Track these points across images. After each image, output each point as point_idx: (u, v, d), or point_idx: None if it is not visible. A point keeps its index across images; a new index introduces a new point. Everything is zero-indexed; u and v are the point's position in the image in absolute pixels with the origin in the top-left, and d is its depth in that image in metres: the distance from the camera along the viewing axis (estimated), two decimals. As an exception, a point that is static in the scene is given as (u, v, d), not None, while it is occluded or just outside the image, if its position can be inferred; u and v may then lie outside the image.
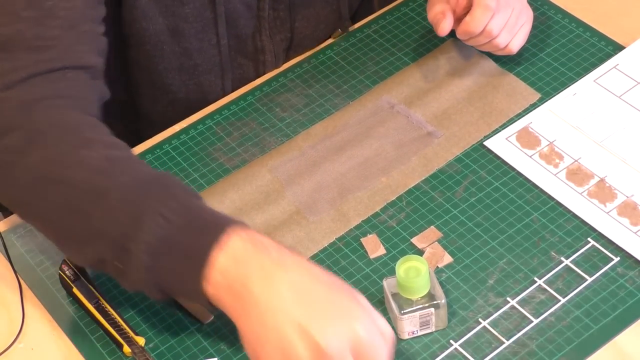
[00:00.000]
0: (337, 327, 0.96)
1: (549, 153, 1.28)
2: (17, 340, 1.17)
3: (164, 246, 1.00)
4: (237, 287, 0.98)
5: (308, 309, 0.96)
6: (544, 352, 1.10)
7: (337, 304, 0.98)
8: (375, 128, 1.34)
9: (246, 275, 0.97)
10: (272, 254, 0.99)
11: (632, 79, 1.35)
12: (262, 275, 0.97)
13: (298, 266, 0.99)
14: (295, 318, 0.95)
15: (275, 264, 0.98)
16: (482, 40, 1.32)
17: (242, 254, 0.98)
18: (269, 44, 1.42)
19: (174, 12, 1.33)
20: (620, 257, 1.17)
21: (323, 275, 1.00)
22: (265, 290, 0.97)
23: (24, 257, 1.24)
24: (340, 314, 0.97)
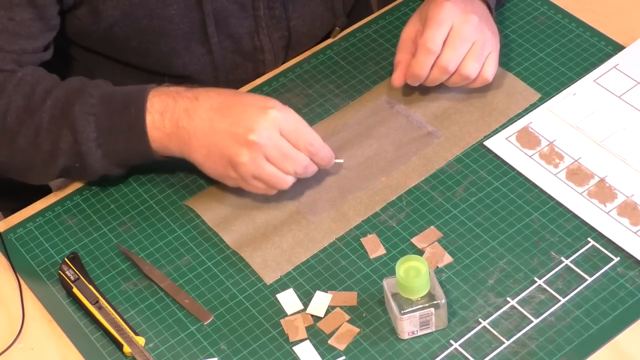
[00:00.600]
0: (257, 120, 1.18)
1: (549, 153, 1.28)
2: (17, 340, 1.17)
3: (105, 135, 1.22)
4: (173, 131, 1.21)
5: (230, 118, 1.19)
6: (544, 352, 1.10)
7: (250, 105, 1.20)
8: (376, 128, 1.34)
9: (174, 119, 1.21)
10: (187, 95, 1.22)
11: (632, 78, 1.35)
12: (186, 113, 1.21)
13: (209, 94, 1.22)
14: (224, 129, 1.19)
15: (191, 100, 1.22)
16: (443, 77, 1.30)
17: (164, 107, 1.22)
18: (267, 43, 1.42)
19: (159, 14, 1.33)
20: (620, 257, 1.17)
21: (233, 92, 1.25)
22: (192, 122, 1.20)
23: (24, 257, 1.25)
24: (255, 109, 1.19)
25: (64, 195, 1.32)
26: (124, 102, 1.22)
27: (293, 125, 1.20)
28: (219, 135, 1.19)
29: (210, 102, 1.21)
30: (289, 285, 1.19)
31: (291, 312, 1.16)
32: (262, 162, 1.19)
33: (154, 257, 1.23)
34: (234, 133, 1.18)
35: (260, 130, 1.18)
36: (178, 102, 1.22)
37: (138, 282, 1.21)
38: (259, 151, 1.18)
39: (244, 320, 1.16)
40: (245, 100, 1.22)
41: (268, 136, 1.18)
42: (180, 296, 1.19)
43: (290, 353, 1.13)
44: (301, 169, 1.21)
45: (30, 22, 1.27)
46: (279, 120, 1.19)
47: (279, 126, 1.19)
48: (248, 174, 1.19)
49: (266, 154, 1.18)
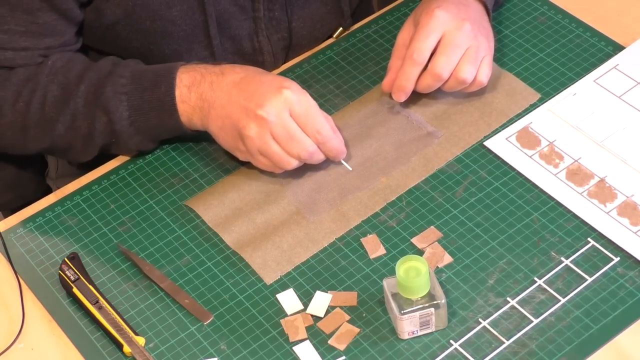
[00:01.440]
0: (269, 97, 1.21)
1: (549, 153, 1.28)
2: (17, 340, 1.17)
3: (137, 112, 1.27)
4: (197, 104, 1.26)
5: (245, 92, 1.23)
6: (544, 352, 1.10)
7: (267, 82, 1.23)
8: (376, 128, 1.34)
9: (199, 92, 1.26)
10: (214, 70, 1.27)
11: (632, 79, 1.35)
12: (210, 87, 1.25)
13: (235, 70, 1.26)
14: (238, 102, 1.22)
15: (217, 75, 1.26)
16: (437, 84, 1.30)
17: (192, 82, 1.26)
18: (266, 45, 1.42)
19: (162, 15, 1.33)
20: (620, 257, 1.17)
21: (256, 70, 1.27)
22: (214, 94, 1.25)
23: (24, 257, 1.25)
24: (270, 87, 1.22)
25: (64, 195, 1.32)
26: (154, 80, 1.27)
27: (304, 109, 1.22)
28: (233, 108, 1.22)
29: (233, 76, 1.25)
30: (289, 285, 1.19)
31: (291, 312, 1.16)
32: (268, 139, 1.21)
33: (154, 257, 1.23)
34: (245, 107, 1.21)
35: (269, 107, 1.20)
36: (205, 77, 1.26)
37: (138, 282, 1.21)
38: (265, 127, 1.20)
39: (244, 320, 1.16)
40: (264, 78, 1.24)
41: (276, 114, 1.20)
42: (180, 296, 1.19)
43: (290, 353, 1.13)
44: (306, 154, 1.22)
45: (55, 23, 1.30)
46: (290, 101, 1.21)
47: (290, 107, 1.21)
48: (254, 148, 1.22)
49: (272, 131, 1.20)
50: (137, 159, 1.34)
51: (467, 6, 1.32)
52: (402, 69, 1.30)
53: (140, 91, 1.27)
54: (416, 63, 1.29)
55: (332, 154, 1.25)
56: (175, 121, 1.27)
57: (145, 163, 1.34)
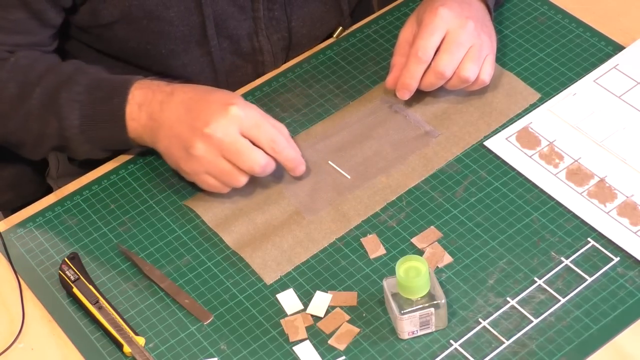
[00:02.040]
0: (216, 115, 1.21)
1: (549, 153, 1.28)
2: (17, 340, 1.17)
3: (88, 122, 1.28)
4: (147, 123, 1.25)
5: (193, 112, 1.23)
6: (544, 352, 1.10)
7: (213, 101, 1.23)
8: (375, 128, 1.34)
9: (149, 112, 1.25)
10: (165, 89, 1.26)
11: (632, 79, 1.35)
12: (160, 106, 1.25)
13: (184, 89, 1.26)
14: (186, 122, 1.22)
15: (167, 95, 1.25)
16: (439, 82, 1.30)
17: (143, 100, 1.26)
18: (266, 44, 1.42)
19: (159, 15, 1.33)
20: (620, 257, 1.17)
21: (205, 89, 1.26)
22: (163, 115, 1.24)
23: (24, 257, 1.25)
24: (217, 106, 1.22)
25: (64, 195, 1.32)
26: (108, 92, 1.27)
27: (253, 122, 1.21)
28: (181, 128, 1.22)
29: (182, 96, 1.25)
30: (289, 285, 1.19)
31: (291, 312, 1.16)
32: (216, 157, 1.21)
33: (154, 257, 1.23)
34: (192, 126, 1.21)
35: (216, 125, 1.20)
36: (156, 95, 1.26)
37: (138, 282, 1.21)
38: (213, 145, 1.20)
39: (244, 320, 1.16)
40: (211, 97, 1.24)
41: (224, 131, 1.20)
42: (180, 296, 1.19)
43: (290, 353, 1.13)
44: (258, 167, 1.21)
45: (25, 21, 1.30)
46: (238, 117, 1.21)
47: (238, 123, 1.20)
48: (201, 169, 1.22)
49: (221, 148, 1.20)
50: (137, 159, 1.34)
51: (470, 5, 1.33)
52: (407, 67, 1.30)
53: (93, 102, 1.27)
54: (421, 61, 1.29)
55: (290, 165, 1.25)
56: (123, 136, 1.27)
57: (145, 163, 1.34)
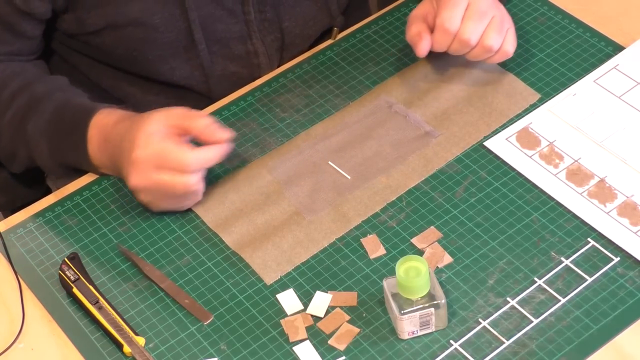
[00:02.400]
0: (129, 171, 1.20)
1: (549, 153, 1.28)
2: (17, 340, 1.17)
3: (55, 150, 1.29)
4: (109, 165, 1.27)
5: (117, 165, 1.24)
6: (544, 352, 1.10)
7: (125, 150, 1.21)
8: (375, 128, 1.34)
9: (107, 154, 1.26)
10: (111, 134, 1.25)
11: (632, 79, 1.35)
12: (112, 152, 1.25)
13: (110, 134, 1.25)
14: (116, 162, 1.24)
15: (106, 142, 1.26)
16: (464, 50, 1.30)
17: (99, 143, 1.26)
18: (261, 47, 1.42)
19: (144, 22, 1.33)
20: (620, 257, 1.17)
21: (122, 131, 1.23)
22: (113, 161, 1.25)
23: (24, 257, 1.24)
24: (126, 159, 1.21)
25: (64, 195, 1.32)
26: (71, 126, 1.28)
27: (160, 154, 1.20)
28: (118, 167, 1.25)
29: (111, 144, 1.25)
30: (289, 286, 1.19)
31: (291, 312, 1.16)
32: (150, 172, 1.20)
33: (154, 257, 1.23)
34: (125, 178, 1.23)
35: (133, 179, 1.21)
36: (107, 140, 1.26)
37: (138, 282, 1.21)
38: (142, 193, 1.22)
39: (244, 320, 1.16)
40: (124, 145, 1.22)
41: (143, 179, 1.20)
42: (180, 296, 1.19)
43: (290, 353, 1.13)
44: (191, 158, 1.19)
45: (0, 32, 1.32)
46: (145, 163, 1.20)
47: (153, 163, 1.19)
48: (149, 196, 1.23)
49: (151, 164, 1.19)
50: (137, 159, 1.34)
51: None
52: (435, 39, 1.29)
53: (57, 134, 1.29)
54: (447, 32, 1.28)
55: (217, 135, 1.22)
56: (94, 169, 1.31)
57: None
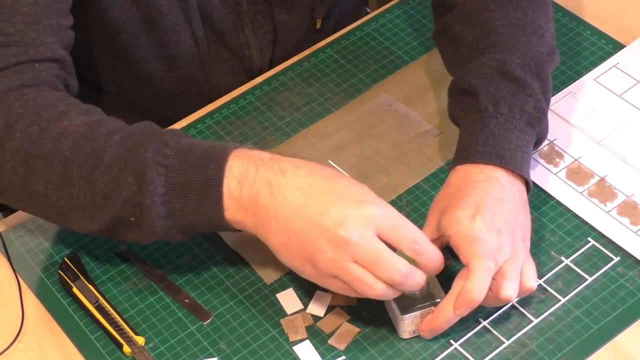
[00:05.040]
0: (350, 214, 1.01)
1: (549, 152, 1.28)
2: (17, 340, 1.17)
3: (174, 191, 1.05)
4: (250, 206, 1.04)
5: (318, 205, 1.02)
6: (544, 352, 1.10)
7: (343, 194, 1.03)
8: (375, 127, 1.33)
9: (254, 193, 1.04)
10: (272, 166, 1.05)
11: (632, 77, 1.34)
12: (268, 188, 1.04)
13: (298, 171, 1.05)
14: (310, 218, 1.02)
15: (277, 174, 1.04)
16: None
17: (243, 174, 1.05)
18: (253, 39, 1.43)
19: (147, 3, 1.33)
20: (621, 256, 1.17)
21: (326, 174, 1.05)
22: (275, 201, 1.03)
23: (24, 257, 1.24)
24: (349, 201, 1.02)
25: (63, 194, 1.32)
26: (202, 158, 1.05)
27: (393, 223, 1.03)
28: (303, 224, 1.03)
29: (298, 181, 1.04)
30: (288, 285, 1.19)
31: (291, 311, 1.16)
32: (347, 262, 1.02)
33: (154, 256, 1.23)
34: (320, 225, 1.02)
35: (351, 226, 1.01)
36: (260, 171, 1.05)
37: (138, 282, 1.21)
38: (346, 251, 1.02)
39: (244, 320, 1.16)
40: (338, 187, 1.04)
41: (360, 234, 1.01)
42: (180, 296, 1.19)
43: (290, 353, 1.13)
44: (398, 275, 1.02)
45: None
46: (376, 217, 1.02)
47: (377, 224, 1.02)
48: (327, 272, 1.04)
49: (355, 255, 1.02)
50: (136, 158, 1.34)
51: (501, 195, 1.13)
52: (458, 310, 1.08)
53: (185, 168, 1.05)
54: (475, 303, 1.08)
55: (431, 266, 1.06)
56: (217, 213, 1.06)
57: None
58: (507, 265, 1.09)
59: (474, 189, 1.12)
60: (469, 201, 1.11)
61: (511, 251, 1.10)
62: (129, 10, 1.33)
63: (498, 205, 1.11)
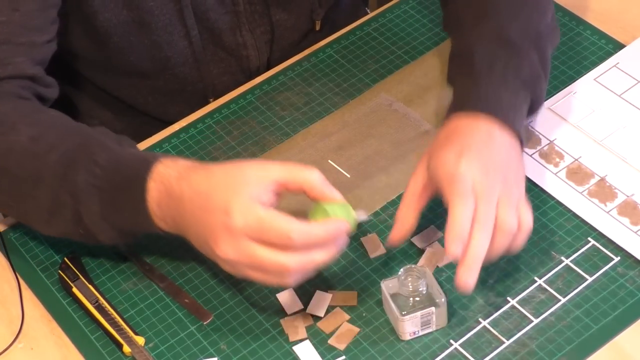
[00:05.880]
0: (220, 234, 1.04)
1: (549, 152, 1.28)
2: (17, 340, 1.17)
3: (108, 209, 1.12)
4: (172, 225, 1.10)
5: (199, 227, 1.07)
6: (544, 352, 1.10)
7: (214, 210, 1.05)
8: (375, 127, 1.33)
9: (170, 215, 1.10)
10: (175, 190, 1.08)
11: (632, 77, 1.34)
12: (177, 212, 1.09)
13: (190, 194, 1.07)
14: (202, 239, 1.07)
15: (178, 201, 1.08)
16: None
17: (159, 199, 1.09)
18: (250, 39, 1.42)
19: (138, 5, 1.33)
20: (621, 256, 1.17)
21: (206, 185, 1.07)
22: (183, 223, 1.09)
23: (24, 257, 1.24)
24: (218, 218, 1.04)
25: (63, 194, 1.32)
26: (128, 178, 1.11)
27: (257, 226, 1.03)
28: (200, 243, 1.09)
29: (189, 205, 1.08)
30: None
31: (291, 311, 1.16)
32: (245, 270, 1.06)
33: (154, 257, 1.23)
34: (208, 245, 1.07)
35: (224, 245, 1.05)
36: (170, 198, 1.09)
37: (138, 282, 1.21)
38: (233, 264, 1.06)
39: (244, 320, 1.16)
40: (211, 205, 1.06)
41: (235, 250, 1.04)
42: (180, 296, 1.19)
43: (290, 353, 1.13)
44: (298, 235, 1.03)
45: (36, 14, 1.23)
46: (240, 230, 1.03)
47: (244, 234, 1.03)
48: (237, 269, 1.07)
49: (242, 264, 1.05)
50: (136, 158, 1.34)
51: (490, 143, 1.14)
52: (447, 249, 1.08)
53: (113, 188, 1.12)
54: (458, 244, 1.08)
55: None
56: (152, 227, 1.12)
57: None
58: (502, 205, 1.09)
59: (462, 134, 1.14)
60: (456, 144, 1.12)
61: (505, 191, 1.10)
62: (119, 13, 1.33)
63: (485, 148, 1.12)
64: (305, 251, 1.04)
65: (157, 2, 1.33)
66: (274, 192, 1.07)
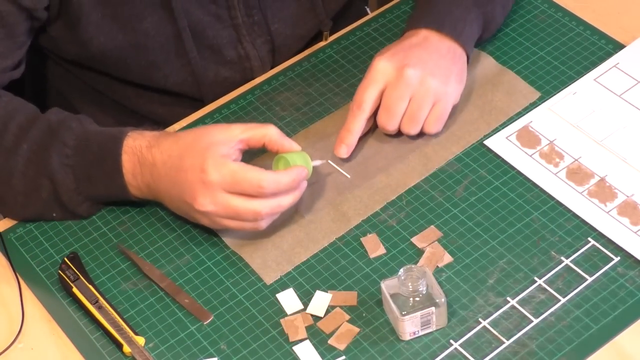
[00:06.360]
0: (197, 189, 1.15)
1: (549, 152, 1.28)
2: (17, 340, 1.17)
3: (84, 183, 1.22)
4: (148, 192, 1.21)
5: (178, 187, 1.17)
6: (544, 352, 1.10)
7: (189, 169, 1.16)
8: (375, 127, 1.33)
9: (145, 182, 1.21)
10: (148, 158, 1.20)
11: (632, 77, 1.34)
12: (151, 178, 1.20)
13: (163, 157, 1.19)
14: (179, 198, 1.18)
15: (152, 166, 1.19)
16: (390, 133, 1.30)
17: (133, 168, 1.20)
18: (252, 50, 1.42)
19: (133, 27, 1.33)
20: (621, 256, 1.17)
21: (180, 147, 1.18)
22: (158, 186, 1.20)
23: (24, 257, 1.24)
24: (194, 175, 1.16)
25: (63, 194, 1.32)
26: (100, 154, 1.21)
27: (231, 179, 1.15)
28: (178, 204, 1.20)
29: (163, 168, 1.19)
30: (289, 285, 1.19)
31: (291, 312, 1.16)
32: (222, 220, 1.17)
33: (154, 257, 1.23)
34: (186, 203, 1.18)
35: (202, 199, 1.16)
36: (143, 166, 1.20)
37: (138, 282, 1.21)
38: (211, 216, 1.17)
39: (244, 320, 1.16)
40: (185, 164, 1.17)
41: (213, 203, 1.16)
42: (180, 296, 1.19)
43: (290, 353, 1.13)
44: (262, 219, 1.18)
45: None
46: (216, 183, 1.15)
47: (220, 187, 1.15)
48: (214, 222, 1.18)
49: (220, 216, 1.17)
50: (136, 158, 1.34)
51: (421, 46, 1.30)
52: (346, 121, 1.29)
53: (86, 164, 1.22)
54: (356, 115, 1.28)
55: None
56: (126, 195, 1.23)
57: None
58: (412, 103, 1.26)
59: (400, 41, 1.31)
60: (390, 47, 1.30)
61: (420, 87, 1.25)
62: (115, 37, 1.33)
63: (416, 48, 1.29)
64: (275, 197, 1.16)
65: (152, 24, 1.33)
66: (239, 150, 1.19)
